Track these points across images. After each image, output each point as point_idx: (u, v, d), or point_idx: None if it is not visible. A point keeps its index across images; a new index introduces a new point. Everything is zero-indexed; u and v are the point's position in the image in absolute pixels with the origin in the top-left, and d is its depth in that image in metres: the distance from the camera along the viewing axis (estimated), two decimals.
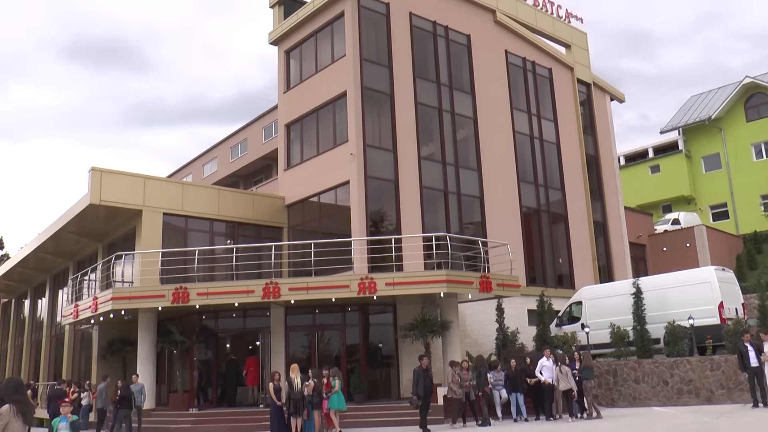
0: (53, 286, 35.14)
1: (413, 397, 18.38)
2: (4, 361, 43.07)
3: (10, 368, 40.75)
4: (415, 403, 18.32)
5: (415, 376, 18.59)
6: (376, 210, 26.00)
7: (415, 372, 18.71)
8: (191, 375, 24.51)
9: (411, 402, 18.55)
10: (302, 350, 24.25)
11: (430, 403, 18.94)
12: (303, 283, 21.63)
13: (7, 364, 41.97)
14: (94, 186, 24.18)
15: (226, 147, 43.51)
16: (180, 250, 24.28)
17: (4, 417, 6.95)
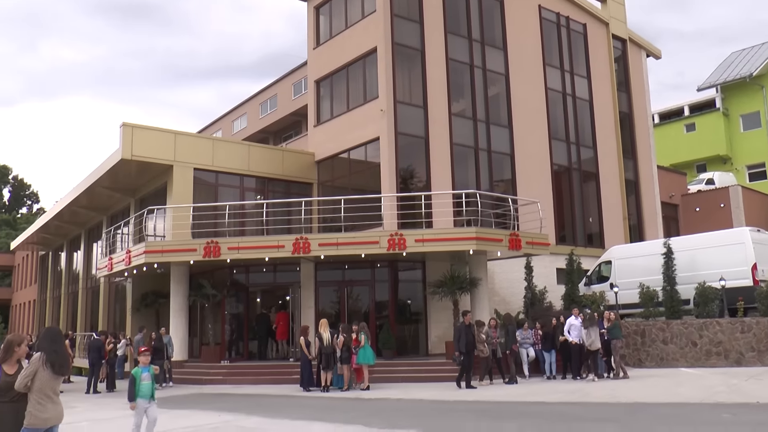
0: (88, 240, 35.77)
1: (455, 354, 18.29)
2: (44, 311, 44.18)
3: (49, 318, 41.81)
4: (457, 360, 18.22)
5: (456, 332, 18.52)
6: (406, 166, 25.95)
7: (457, 328, 18.64)
8: (223, 328, 24.93)
9: (454, 359, 18.48)
10: (331, 305, 24.51)
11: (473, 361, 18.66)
12: (333, 239, 21.77)
13: (47, 315, 43.06)
14: (125, 141, 24.40)
15: (256, 103, 43.50)
16: (211, 205, 24.53)
17: (33, 365, 7.16)
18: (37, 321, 45.10)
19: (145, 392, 10.25)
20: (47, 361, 7.21)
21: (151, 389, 10.36)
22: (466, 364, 18.11)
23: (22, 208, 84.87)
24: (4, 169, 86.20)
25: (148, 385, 10.32)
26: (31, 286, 49.06)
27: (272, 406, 15.22)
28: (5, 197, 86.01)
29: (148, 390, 10.29)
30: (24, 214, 79.21)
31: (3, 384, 7.19)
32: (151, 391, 10.37)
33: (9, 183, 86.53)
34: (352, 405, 15.62)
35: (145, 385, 10.27)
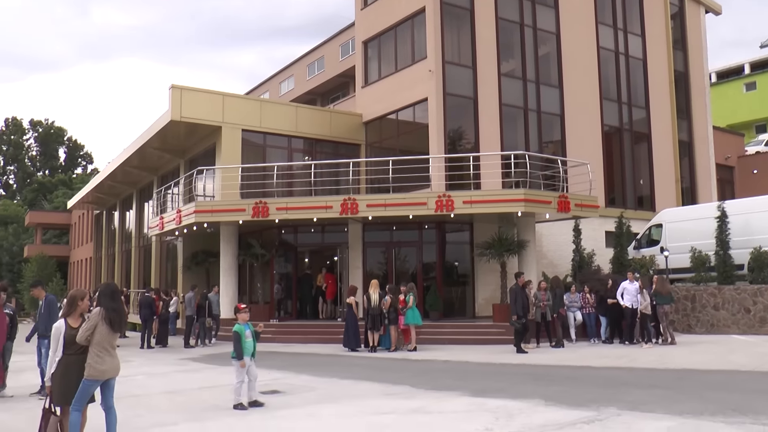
0: (139, 199, 36.46)
1: (513, 318, 17.83)
2: (99, 268, 45.38)
3: (105, 275, 42.93)
4: (516, 324, 17.72)
5: (512, 295, 18.13)
6: (454, 127, 25.74)
7: (512, 290, 18.26)
8: (271, 287, 25.30)
9: (511, 323, 18.09)
10: (379, 266, 24.64)
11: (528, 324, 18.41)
12: (381, 200, 21.80)
13: (102, 272, 44.23)
14: (174, 103, 24.66)
15: (303, 65, 43.44)
16: (259, 166, 24.74)
17: (93, 320, 7.41)
18: (94, 278, 46.36)
19: (248, 349, 10.45)
20: (105, 317, 7.45)
21: (253, 346, 10.57)
22: (523, 328, 17.88)
23: (77, 169, 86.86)
24: (59, 131, 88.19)
25: (251, 342, 10.54)
26: (87, 244, 50.35)
27: (321, 365, 15.47)
28: (61, 158, 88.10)
29: (250, 347, 10.51)
30: (79, 175, 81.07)
31: (68, 337, 7.49)
32: (253, 348, 10.57)
33: (64, 144, 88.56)
34: (400, 366, 15.77)
35: (248, 342, 10.48)
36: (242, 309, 10.89)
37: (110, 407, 7.61)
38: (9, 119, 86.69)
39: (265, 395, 11.46)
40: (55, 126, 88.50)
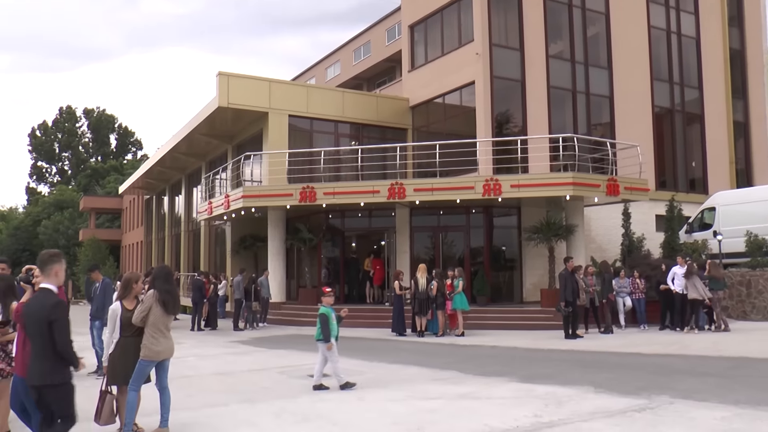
0: (188, 184, 37.00)
1: (560, 304, 17.52)
2: (150, 252, 46.28)
3: (155, 259, 43.77)
4: (564, 311, 17.43)
5: (561, 280, 17.79)
6: (501, 111, 25.50)
7: (561, 276, 17.93)
8: (319, 271, 25.48)
9: (558, 309, 17.79)
10: (426, 251, 24.62)
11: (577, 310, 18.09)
12: (428, 184, 21.74)
13: (153, 255, 45.09)
14: (221, 90, 24.91)
15: (349, 50, 43.43)
16: (306, 151, 24.87)
17: (147, 302, 7.57)
18: (145, 261, 47.29)
19: (334, 332, 10.60)
20: (159, 299, 7.60)
21: (336, 330, 10.71)
22: (572, 314, 17.60)
23: (128, 155, 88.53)
24: (110, 118, 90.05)
25: (335, 325, 10.68)
26: (138, 228, 51.35)
27: (369, 350, 15.55)
28: (112, 145, 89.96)
29: (334, 330, 10.64)
30: (129, 161, 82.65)
31: (124, 319, 7.68)
32: (336, 331, 10.71)
33: (115, 131, 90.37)
34: (447, 350, 15.76)
35: (333, 325, 10.62)
36: (327, 292, 11.03)
37: (164, 387, 7.81)
38: (63, 108, 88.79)
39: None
40: (107, 114, 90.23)
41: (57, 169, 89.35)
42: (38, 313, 5.77)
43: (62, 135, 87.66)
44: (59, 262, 6.10)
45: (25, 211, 78.82)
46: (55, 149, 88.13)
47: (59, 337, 5.73)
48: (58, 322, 5.74)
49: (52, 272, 6.03)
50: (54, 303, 5.82)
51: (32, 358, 5.86)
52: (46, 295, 5.90)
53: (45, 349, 5.75)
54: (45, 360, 5.75)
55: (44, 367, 5.76)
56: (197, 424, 8.30)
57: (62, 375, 5.85)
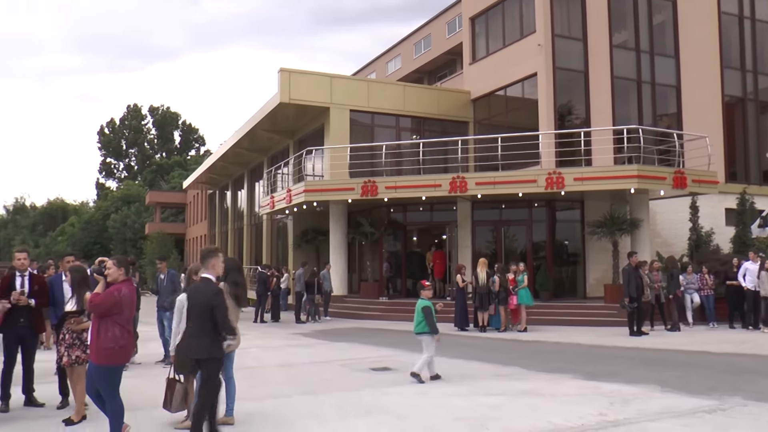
0: (250, 179, 37.54)
1: (624, 300, 17.08)
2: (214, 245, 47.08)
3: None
4: (628, 307, 16.97)
5: (625, 276, 17.28)
6: (564, 102, 25.12)
7: (625, 271, 17.41)
8: (380, 265, 25.55)
9: (622, 305, 17.32)
10: (487, 245, 24.42)
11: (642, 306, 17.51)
12: (489, 178, 21.56)
13: None
14: (283, 86, 25.16)
15: (410, 44, 43.37)
16: (367, 145, 24.95)
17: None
18: None
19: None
20: (232, 292, 7.74)
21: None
22: (636, 310, 17.14)
23: (191, 151, 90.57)
24: (174, 115, 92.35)
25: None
26: (201, 222, 52.34)
27: None
28: (176, 141, 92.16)
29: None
30: (193, 156, 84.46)
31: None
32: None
33: (179, 128, 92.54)
34: (510, 346, 15.63)
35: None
36: (427, 286, 11.17)
37: (230, 378, 7.97)
38: (131, 106, 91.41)
39: (376, 372, 11.65)
40: (171, 111, 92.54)
41: (124, 165, 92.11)
42: (202, 299, 6.85)
43: (129, 132, 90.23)
44: (216, 256, 7.08)
45: (95, 205, 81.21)
46: (123, 146, 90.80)
47: (220, 319, 6.82)
48: (219, 307, 6.83)
49: (209, 264, 7.04)
50: (215, 291, 6.92)
51: (192, 336, 6.93)
52: (208, 284, 6.96)
53: (204, 329, 6.84)
54: (205, 337, 6.84)
55: (204, 343, 6.84)
56: (261, 415, 8.41)
57: (219, 350, 6.98)
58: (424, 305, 10.74)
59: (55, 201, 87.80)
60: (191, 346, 6.93)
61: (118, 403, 6.78)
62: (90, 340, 6.97)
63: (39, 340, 9.31)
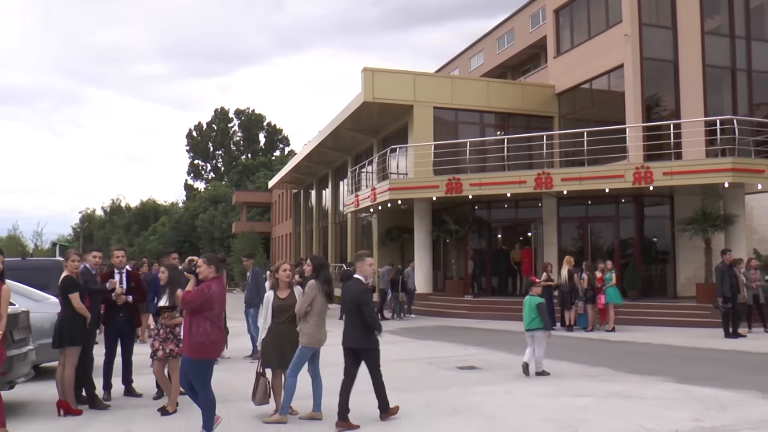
0: (334, 178, 37.96)
1: (717, 300, 16.41)
2: (298, 243, 47.91)
3: (303, 250, 45.25)
4: (722, 308, 16.29)
5: (718, 275, 16.59)
6: (652, 94, 24.37)
7: (718, 269, 16.72)
8: (465, 263, 25.41)
9: (715, 305, 16.63)
10: (573, 242, 23.97)
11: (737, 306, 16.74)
12: (575, 174, 21.14)
13: (301, 247, 46.66)
14: (366, 85, 25.32)
15: (492, 39, 42.99)
16: (451, 142, 24.84)
17: (311, 292, 7.87)
18: (293, 252, 48.98)
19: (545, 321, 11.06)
20: (323, 289, 7.94)
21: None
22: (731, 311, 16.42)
23: (276, 151, 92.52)
24: (259, 117, 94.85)
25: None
26: (286, 221, 53.25)
27: (516, 343, 15.25)
28: (261, 142, 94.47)
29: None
30: (278, 157, 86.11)
31: (276, 307, 8.11)
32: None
33: (264, 129, 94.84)
34: (597, 346, 15.28)
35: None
36: (538, 283, 11.64)
37: (317, 374, 8.16)
38: (218, 110, 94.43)
39: (463, 370, 11.61)
40: (256, 113, 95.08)
41: (211, 166, 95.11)
42: (352, 296, 7.82)
43: (216, 135, 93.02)
44: (362, 260, 8.01)
45: (184, 205, 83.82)
46: (210, 148, 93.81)
47: (367, 316, 7.77)
48: (367, 306, 7.81)
49: (357, 267, 8.03)
50: (363, 290, 7.86)
51: (349, 328, 7.92)
52: (357, 284, 7.90)
53: (355, 323, 7.82)
54: (357, 330, 7.82)
55: (356, 335, 7.83)
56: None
57: (371, 341, 7.87)
58: (538, 302, 11.01)
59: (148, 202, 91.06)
60: (351, 336, 7.88)
61: (210, 395, 7.06)
62: (183, 335, 7.25)
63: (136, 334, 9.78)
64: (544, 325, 10.95)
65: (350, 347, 7.89)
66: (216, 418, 7.14)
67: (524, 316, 11.20)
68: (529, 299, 11.17)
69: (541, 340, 11.00)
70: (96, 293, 9.05)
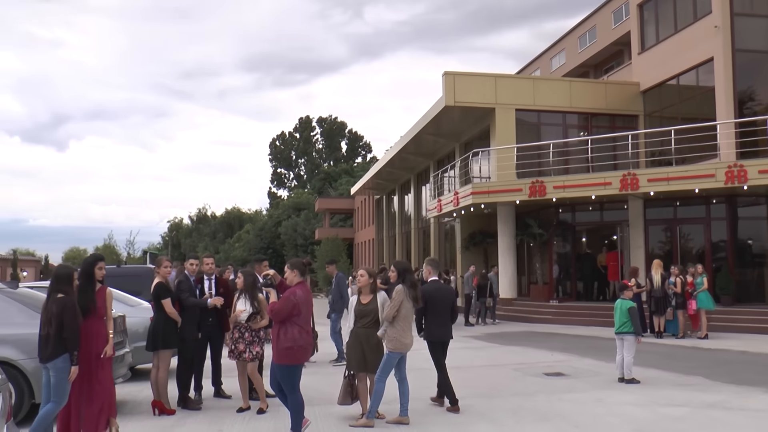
0: (416, 183, 37.97)
1: None
2: (381, 249, 48.16)
3: (386, 256, 45.47)
4: None
5: None
6: (745, 88, 23.27)
7: None
8: (550, 267, 24.98)
9: None
10: (661, 245, 23.22)
11: None
12: (663, 174, 20.49)
13: (384, 252, 46.88)
14: (447, 89, 25.20)
15: (574, 37, 42.18)
16: (534, 145, 24.47)
17: (398, 297, 7.92)
18: (376, 258, 49.24)
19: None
20: (409, 294, 7.97)
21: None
22: None
23: (358, 158, 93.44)
24: (341, 125, 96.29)
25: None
26: (369, 227, 53.59)
27: (604, 349, 14.90)
28: (343, 149, 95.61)
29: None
30: (359, 163, 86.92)
31: (358, 312, 8.21)
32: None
33: (345, 137, 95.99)
34: (689, 354, 14.70)
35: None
36: (630, 287, 11.75)
37: (403, 378, 8.18)
38: (302, 118, 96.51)
39: (550, 377, 11.41)
40: (338, 121, 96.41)
41: (294, 174, 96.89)
42: (450, 296, 9.06)
43: (299, 143, 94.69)
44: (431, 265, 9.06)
45: (268, 213, 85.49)
46: (292, 156, 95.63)
47: (456, 312, 9.06)
48: (455, 303, 9.06)
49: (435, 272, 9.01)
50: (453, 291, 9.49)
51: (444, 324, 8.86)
52: (447, 286, 9.34)
53: (448, 319, 8.89)
54: (449, 325, 8.92)
55: (450, 329, 8.92)
56: (435, 415, 8.50)
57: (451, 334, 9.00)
58: (630, 305, 10.85)
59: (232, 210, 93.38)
60: (447, 331, 8.90)
61: (298, 398, 7.25)
62: (272, 342, 7.42)
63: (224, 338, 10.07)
64: (635, 330, 10.71)
65: (446, 340, 8.93)
66: (304, 420, 7.31)
67: (615, 319, 11.02)
68: (620, 302, 10.99)
69: (630, 345, 10.74)
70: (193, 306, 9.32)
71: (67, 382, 6.73)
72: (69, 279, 6.98)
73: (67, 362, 6.70)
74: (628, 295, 11.15)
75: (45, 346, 6.73)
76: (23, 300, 8.79)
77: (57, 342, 6.68)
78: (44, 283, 14.68)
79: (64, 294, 6.84)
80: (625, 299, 11.01)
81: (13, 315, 8.43)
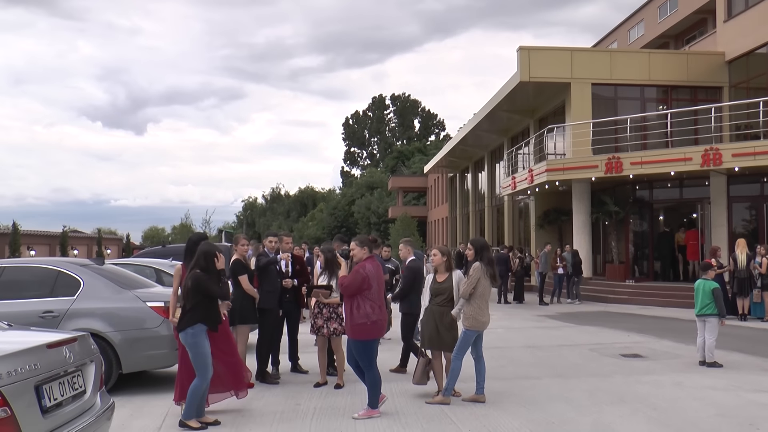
0: (490, 161, 37.61)
1: None
2: (455, 227, 48.03)
3: (460, 234, 45.32)
4: None
5: None
6: None
7: None
8: (626, 246, 24.40)
9: None
10: (745, 224, 22.35)
11: None
12: (749, 148, 19.68)
13: (457, 231, 46.75)
14: (522, 64, 24.76)
15: (653, 7, 40.78)
16: (611, 120, 23.88)
17: (475, 274, 7.86)
18: (450, 236, 49.13)
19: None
20: (487, 271, 7.93)
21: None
22: None
23: (431, 136, 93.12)
24: (414, 103, 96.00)
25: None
26: (442, 205, 53.47)
27: (683, 331, 14.46)
28: (416, 128, 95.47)
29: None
30: (432, 141, 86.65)
31: (433, 290, 8.22)
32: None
33: (419, 115, 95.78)
34: None
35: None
36: (714, 266, 11.29)
37: (480, 356, 8.14)
38: (375, 98, 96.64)
39: (627, 358, 11.18)
40: (411, 99, 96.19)
41: (367, 153, 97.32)
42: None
43: (372, 122, 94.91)
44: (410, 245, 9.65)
45: (341, 192, 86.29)
46: (365, 135, 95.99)
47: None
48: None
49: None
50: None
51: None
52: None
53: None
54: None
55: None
56: (511, 395, 8.43)
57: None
58: (713, 287, 10.39)
59: (306, 189, 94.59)
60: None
61: (375, 374, 7.33)
62: (345, 317, 7.54)
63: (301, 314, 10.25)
64: (719, 312, 10.28)
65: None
66: (381, 396, 7.40)
67: (696, 300, 10.57)
68: (702, 283, 10.51)
69: (713, 328, 10.32)
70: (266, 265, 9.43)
71: (200, 354, 6.89)
72: (212, 257, 7.18)
73: (193, 336, 6.87)
74: (711, 276, 10.68)
75: (180, 319, 7.02)
76: (109, 276, 9.13)
77: (185, 314, 6.93)
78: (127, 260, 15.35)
79: (201, 270, 7.03)
80: (708, 279, 10.57)
81: (101, 290, 8.75)
